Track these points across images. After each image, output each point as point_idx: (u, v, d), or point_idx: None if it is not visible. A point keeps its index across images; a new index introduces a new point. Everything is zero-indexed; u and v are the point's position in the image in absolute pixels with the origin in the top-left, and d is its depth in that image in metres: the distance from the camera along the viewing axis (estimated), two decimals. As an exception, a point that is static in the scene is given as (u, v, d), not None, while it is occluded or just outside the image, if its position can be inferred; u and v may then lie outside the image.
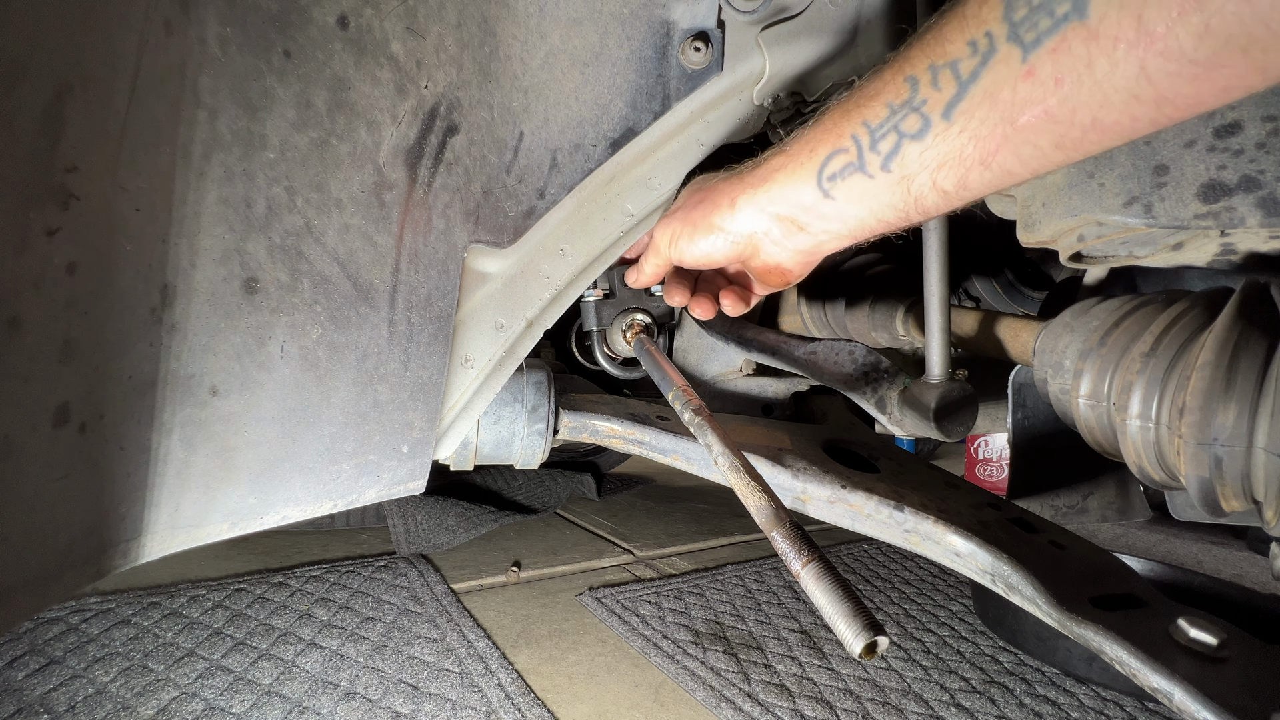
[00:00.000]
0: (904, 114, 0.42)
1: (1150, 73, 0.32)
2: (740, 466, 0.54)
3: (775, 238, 0.55)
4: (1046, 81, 0.35)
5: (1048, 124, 0.37)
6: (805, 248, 0.55)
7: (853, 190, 0.47)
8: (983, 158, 0.40)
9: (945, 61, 0.39)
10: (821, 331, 1.18)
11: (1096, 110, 0.35)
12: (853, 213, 0.49)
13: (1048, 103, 0.36)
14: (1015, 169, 0.40)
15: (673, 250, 0.63)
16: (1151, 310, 0.61)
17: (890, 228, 0.49)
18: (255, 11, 0.49)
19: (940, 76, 0.39)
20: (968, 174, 0.41)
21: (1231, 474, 0.50)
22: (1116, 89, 0.33)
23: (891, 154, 0.44)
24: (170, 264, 0.48)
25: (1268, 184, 0.49)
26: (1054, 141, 0.37)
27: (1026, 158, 0.39)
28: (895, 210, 0.47)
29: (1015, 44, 0.36)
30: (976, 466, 2.38)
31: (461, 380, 0.64)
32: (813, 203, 0.50)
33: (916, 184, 0.44)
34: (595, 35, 0.62)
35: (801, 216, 0.52)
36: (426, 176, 0.57)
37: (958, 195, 0.43)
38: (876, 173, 0.45)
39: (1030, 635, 1.13)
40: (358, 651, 0.98)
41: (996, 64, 0.37)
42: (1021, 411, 0.90)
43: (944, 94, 0.40)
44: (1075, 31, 0.33)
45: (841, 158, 0.47)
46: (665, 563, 1.47)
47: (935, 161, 0.42)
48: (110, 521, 0.47)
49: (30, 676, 0.84)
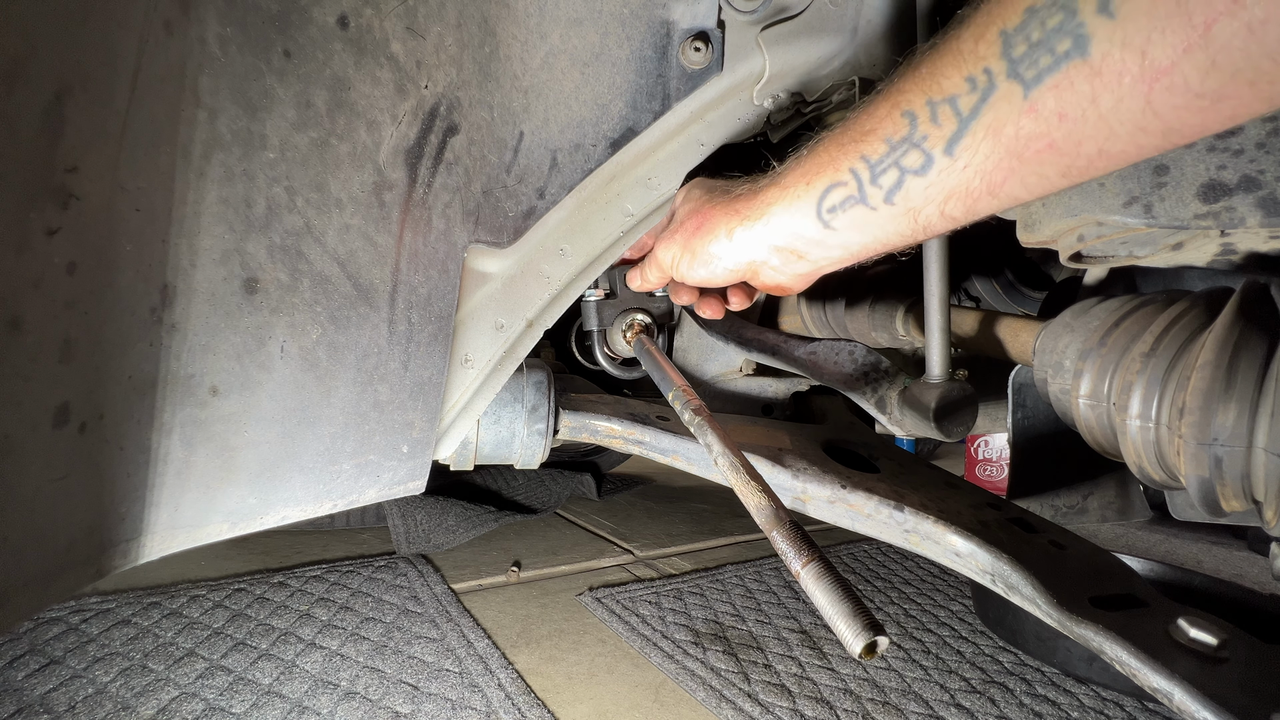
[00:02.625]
0: (904, 150, 0.42)
1: (1156, 106, 0.32)
2: (740, 466, 0.54)
3: (775, 265, 0.55)
4: (1050, 117, 0.35)
5: (1053, 156, 0.36)
6: (805, 272, 0.55)
7: (854, 221, 0.47)
8: (990, 189, 0.40)
9: (943, 97, 0.39)
10: (821, 331, 1.18)
11: (1102, 142, 0.35)
12: (856, 240, 0.49)
13: (1052, 136, 0.36)
14: (1022, 195, 0.40)
15: (674, 271, 0.64)
16: (1151, 310, 0.61)
17: (894, 249, 0.49)
18: (255, 11, 0.49)
19: (939, 112, 0.39)
20: (975, 203, 0.41)
21: (1231, 474, 0.50)
22: (1122, 122, 0.33)
23: (894, 189, 0.43)
24: (170, 264, 0.48)
25: (1268, 184, 0.49)
26: (1060, 171, 0.37)
27: (1033, 186, 0.39)
28: (900, 236, 0.47)
29: (1016, 81, 0.35)
30: (976, 466, 2.38)
31: (461, 380, 0.64)
32: (813, 234, 0.50)
33: (924, 215, 0.44)
34: (595, 35, 0.62)
35: (801, 246, 0.52)
36: (426, 176, 0.57)
37: (966, 219, 0.43)
38: (880, 205, 0.45)
39: (1030, 635, 1.13)
40: (358, 651, 0.98)
41: (997, 100, 0.36)
42: (1021, 411, 0.90)
43: (944, 130, 0.39)
44: (1077, 69, 0.33)
45: (841, 190, 0.46)
46: (665, 563, 1.47)
47: (941, 195, 0.42)
48: (110, 521, 0.47)
49: (30, 676, 0.84)
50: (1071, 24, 0.33)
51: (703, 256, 0.59)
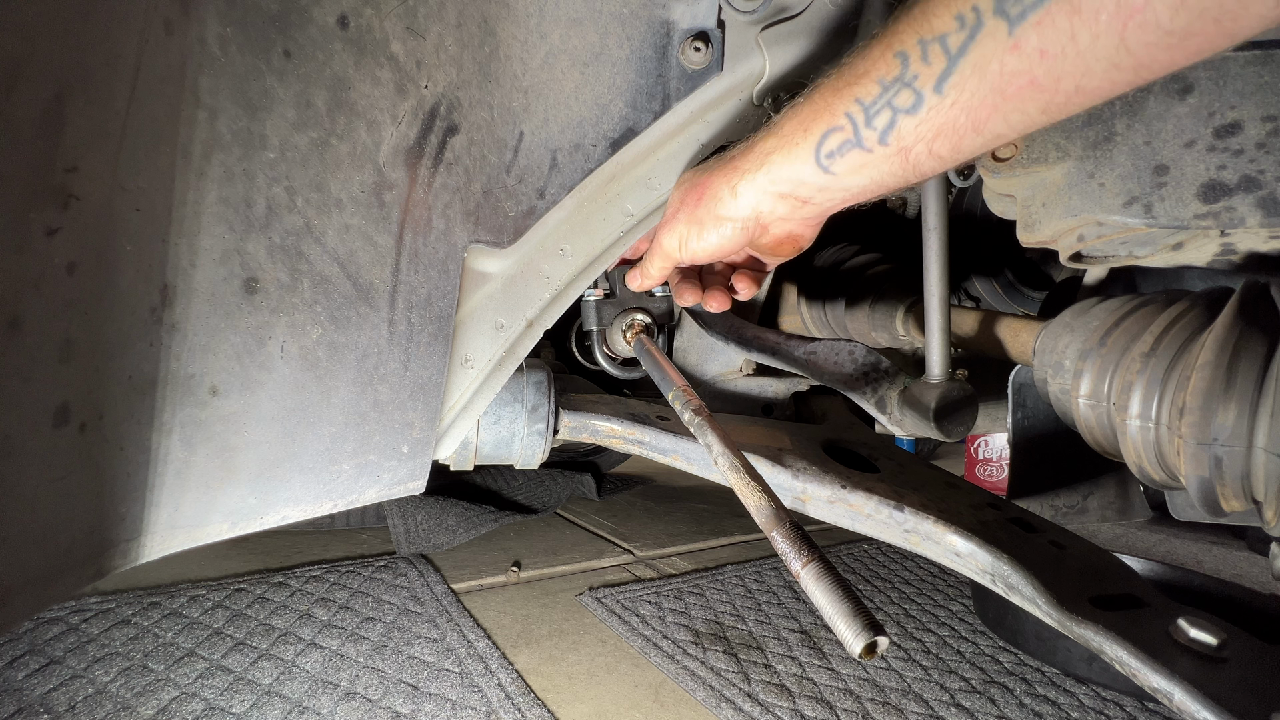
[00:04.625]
0: (897, 90, 0.43)
1: (1129, 43, 0.34)
2: (740, 466, 0.54)
3: (781, 214, 0.56)
4: (1032, 54, 0.37)
5: (1034, 92, 0.38)
6: (812, 215, 0.56)
7: (852, 164, 0.49)
8: (975, 125, 0.42)
9: (933, 36, 0.40)
10: (821, 331, 1.18)
11: (1080, 79, 0.37)
12: (855, 183, 0.50)
13: (1034, 73, 0.37)
14: (1005, 132, 0.42)
15: (683, 252, 0.63)
16: (1151, 310, 0.61)
17: (891, 190, 0.51)
18: (255, 11, 0.49)
19: (930, 51, 0.41)
20: (961, 140, 0.43)
21: (1231, 474, 0.50)
22: (1098, 59, 0.35)
23: (888, 129, 0.45)
24: (170, 264, 0.48)
25: (1268, 184, 0.49)
26: (1040, 107, 0.39)
27: (1015, 123, 0.41)
28: (895, 177, 0.48)
29: (1001, 18, 0.37)
30: (976, 466, 2.38)
31: (461, 380, 0.64)
32: (814, 179, 0.51)
33: (914, 154, 0.45)
34: (595, 35, 0.62)
35: (803, 192, 0.53)
36: (426, 176, 0.57)
37: (952, 159, 0.45)
38: (875, 147, 0.46)
39: (1030, 635, 1.13)
40: (358, 651, 0.98)
41: (984, 38, 0.38)
42: (1021, 411, 0.90)
43: (934, 68, 0.41)
44: (1059, 6, 0.35)
45: (838, 135, 0.48)
46: (665, 563, 1.47)
47: (930, 133, 0.43)
48: (110, 521, 0.47)
49: (30, 676, 0.84)
50: None
51: (710, 222, 0.59)
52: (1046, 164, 0.61)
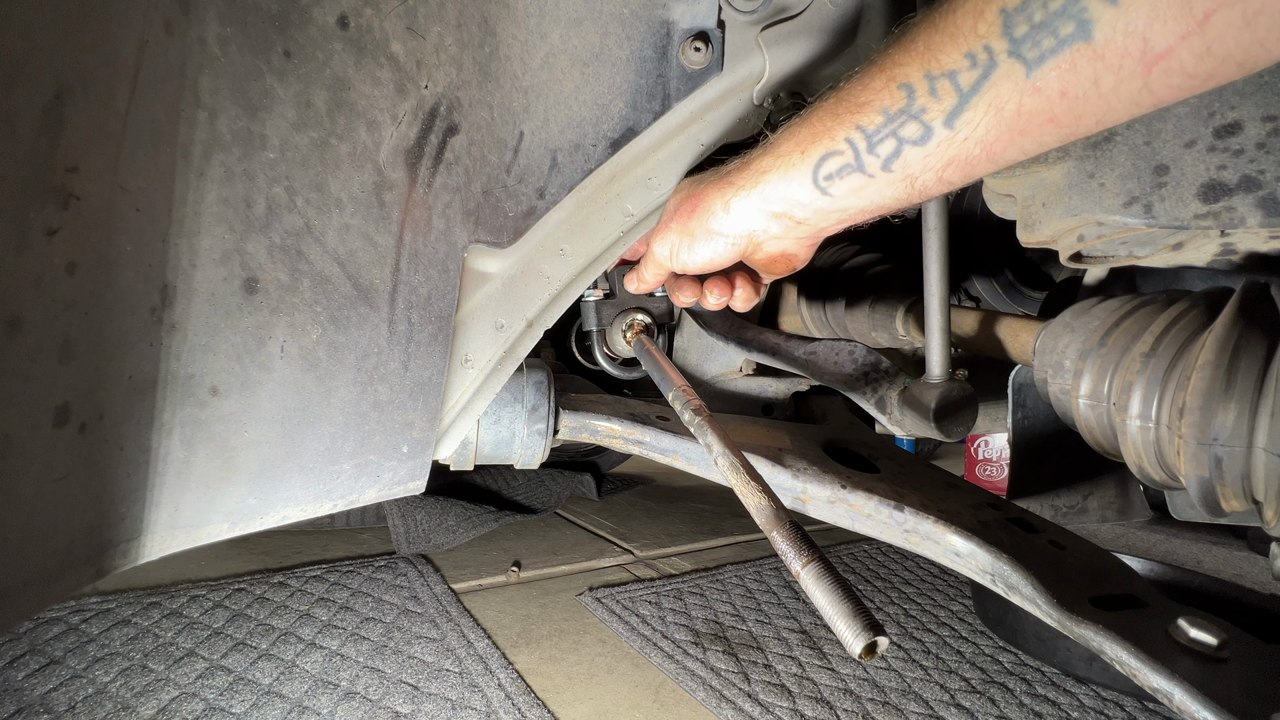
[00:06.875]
0: (902, 121, 0.43)
1: (1152, 86, 0.34)
2: (740, 466, 0.54)
3: (775, 232, 0.56)
4: (1052, 95, 0.36)
5: (1054, 128, 0.38)
6: (806, 236, 0.56)
7: (851, 186, 0.48)
8: (989, 156, 0.41)
9: (942, 72, 0.40)
10: (821, 331, 1.18)
11: (1101, 115, 0.36)
12: (853, 204, 0.50)
13: (1054, 111, 0.37)
14: (1019, 159, 0.42)
15: (674, 262, 0.63)
16: (1151, 310, 0.61)
17: (890, 211, 0.51)
18: (255, 11, 0.49)
19: (938, 86, 0.40)
20: (973, 169, 0.43)
21: (1231, 474, 0.50)
22: (1120, 99, 0.35)
23: (892, 157, 0.44)
24: (170, 264, 0.48)
25: (1268, 184, 0.49)
26: (1058, 139, 0.39)
27: (1031, 151, 0.41)
28: (896, 199, 0.48)
29: (1018, 60, 0.36)
30: (976, 466, 2.38)
31: (461, 380, 0.64)
32: (810, 200, 0.51)
33: (920, 180, 0.45)
34: (595, 35, 0.62)
35: (799, 213, 0.53)
36: (426, 176, 0.57)
37: (962, 183, 0.45)
38: (877, 173, 0.46)
39: (1030, 635, 1.13)
40: (358, 651, 0.98)
41: (999, 78, 0.38)
42: (1021, 411, 0.90)
43: (944, 104, 0.40)
44: (1080, 52, 0.34)
45: (837, 159, 0.47)
46: (665, 563, 1.47)
47: (940, 163, 0.43)
48: (110, 521, 0.47)
49: (30, 676, 0.84)
50: (1074, 8, 0.34)
51: (702, 236, 0.59)
52: (1046, 164, 0.61)
